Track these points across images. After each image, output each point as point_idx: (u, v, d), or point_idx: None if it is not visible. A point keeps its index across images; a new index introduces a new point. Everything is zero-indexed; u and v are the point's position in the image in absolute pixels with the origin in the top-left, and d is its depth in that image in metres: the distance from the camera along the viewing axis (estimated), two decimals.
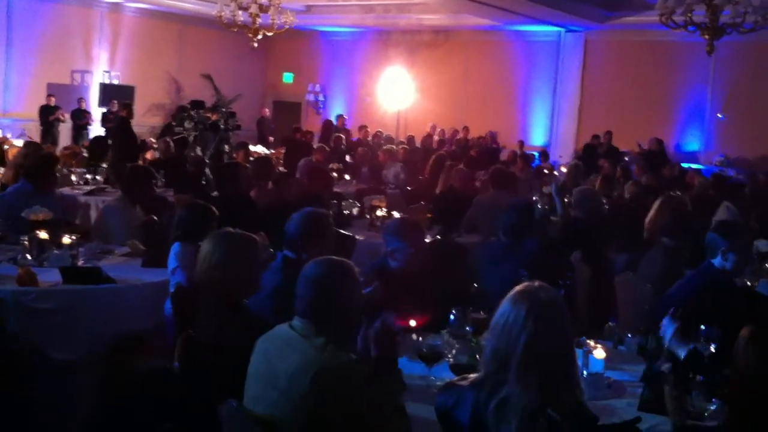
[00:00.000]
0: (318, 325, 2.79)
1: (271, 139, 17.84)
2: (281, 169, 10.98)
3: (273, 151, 15.19)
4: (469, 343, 3.44)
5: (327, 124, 17.11)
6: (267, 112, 19.97)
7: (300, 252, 3.87)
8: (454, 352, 3.33)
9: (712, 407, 2.77)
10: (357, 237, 6.35)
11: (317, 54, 21.34)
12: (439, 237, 6.55)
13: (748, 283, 4.97)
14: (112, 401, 4.26)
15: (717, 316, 3.54)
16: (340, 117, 17.96)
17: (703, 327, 3.39)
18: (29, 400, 4.09)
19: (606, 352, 3.36)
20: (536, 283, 2.59)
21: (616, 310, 4.52)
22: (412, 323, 2.98)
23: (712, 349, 3.27)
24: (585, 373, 3.18)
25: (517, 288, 2.58)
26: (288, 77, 21.90)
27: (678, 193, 7.17)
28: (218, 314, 3.35)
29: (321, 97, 21.36)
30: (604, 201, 7.65)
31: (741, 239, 4.26)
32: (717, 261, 4.14)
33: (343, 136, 14.70)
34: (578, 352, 3.10)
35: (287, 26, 14.13)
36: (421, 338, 3.28)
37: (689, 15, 11.00)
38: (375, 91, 19.73)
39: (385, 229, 4.45)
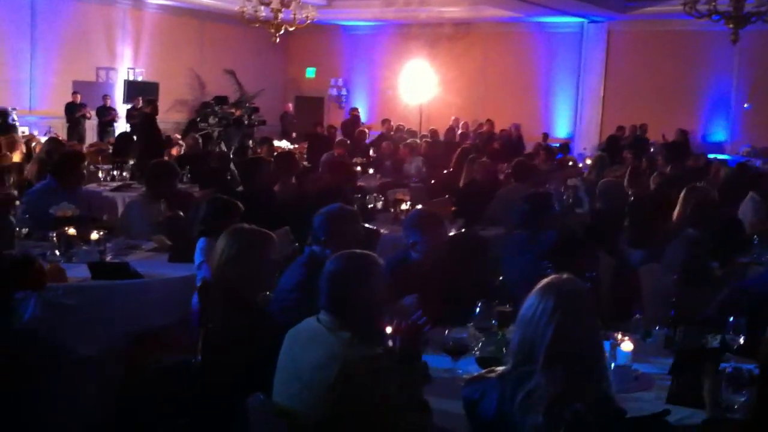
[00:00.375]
0: (342, 319, 2.80)
1: (294, 134, 17.89)
2: (304, 163, 11.02)
3: (296, 145, 15.24)
4: (494, 336, 3.44)
5: (350, 119, 17.12)
6: (290, 107, 20.03)
7: (324, 247, 3.88)
8: (479, 345, 3.33)
9: (742, 399, 2.75)
10: (381, 230, 6.35)
11: (339, 48, 21.36)
12: (462, 230, 6.54)
13: None
14: (135, 395, 4.30)
15: None
16: (353, 110, 17.91)
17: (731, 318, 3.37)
18: (53, 394, 4.14)
19: (633, 344, 3.34)
20: (563, 276, 2.59)
21: (641, 302, 4.49)
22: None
23: (741, 340, 3.24)
24: (612, 365, 3.16)
25: (544, 280, 2.58)
26: (310, 72, 21.94)
27: (702, 183, 7.11)
28: (228, 310, 3.38)
29: (343, 92, 21.38)
30: (630, 193, 7.60)
31: None
32: None
33: (366, 130, 14.70)
34: (605, 345, 3.09)
35: (308, 21, 14.16)
36: (447, 332, 3.28)
37: (713, 4, 10.91)
38: (397, 84, 19.71)
39: (404, 222, 4.44)
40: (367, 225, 6.17)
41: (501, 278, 4.30)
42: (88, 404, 4.30)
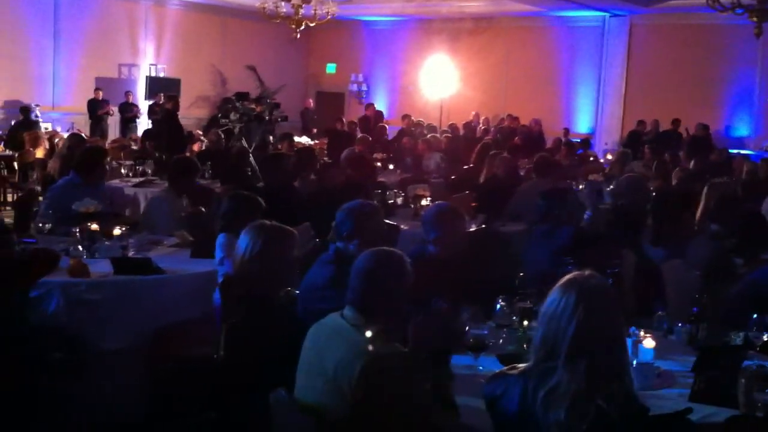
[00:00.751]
0: (368, 315, 2.82)
1: (314, 130, 17.92)
2: (325, 159, 11.04)
3: (316, 141, 15.27)
4: (515, 332, 3.43)
5: (367, 115, 17.11)
6: (310, 102, 20.07)
7: (348, 243, 3.88)
8: (500, 341, 3.32)
9: (766, 398, 2.72)
10: (401, 226, 6.35)
11: (359, 44, 21.36)
12: (482, 226, 6.52)
13: None
14: (159, 389, 4.33)
15: None
16: (369, 106, 17.88)
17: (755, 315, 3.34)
18: (78, 388, 4.18)
19: (655, 341, 3.32)
20: (585, 272, 2.58)
21: (664, 299, 4.47)
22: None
23: (766, 337, 3.21)
24: (634, 362, 3.14)
25: (566, 276, 2.57)
26: (331, 68, 21.96)
27: (725, 178, 7.05)
28: (250, 306, 3.40)
29: (364, 87, 21.37)
30: (652, 188, 7.55)
31: None
32: None
33: (386, 126, 14.69)
34: (627, 342, 3.07)
35: (329, 17, 14.17)
36: (467, 328, 3.27)
37: None
38: (417, 79, 19.68)
39: (424, 216, 4.44)
40: (387, 221, 6.18)
41: (522, 274, 4.27)
42: (113, 398, 4.36)
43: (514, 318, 3.49)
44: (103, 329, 4.31)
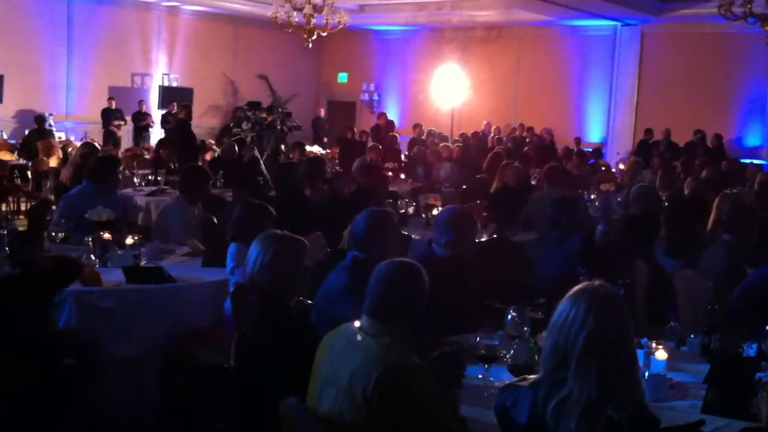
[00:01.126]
0: (386, 324, 2.81)
1: (326, 139, 17.96)
2: (337, 168, 11.06)
3: (328, 150, 15.30)
4: (527, 342, 3.42)
5: (379, 124, 17.15)
6: (322, 111, 20.12)
7: (364, 251, 3.88)
8: (512, 352, 3.31)
9: None
10: (412, 236, 6.35)
11: (371, 53, 21.41)
12: (494, 235, 6.52)
13: None
14: (172, 397, 4.34)
15: None
16: (381, 115, 17.91)
17: None
18: (92, 395, 4.20)
19: (668, 352, 3.30)
20: (596, 281, 2.57)
21: (676, 309, 4.44)
22: None
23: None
24: (646, 374, 3.13)
25: (577, 286, 2.57)
26: (342, 77, 22.02)
27: (738, 188, 7.02)
28: (262, 314, 3.41)
29: (375, 96, 21.42)
30: (664, 197, 7.53)
31: None
32: None
33: (397, 135, 14.74)
34: (639, 353, 3.06)
35: (341, 26, 14.20)
36: (478, 338, 3.27)
37: (749, 6, 10.76)
38: (428, 88, 19.70)
39: (436, 219, 4.44)
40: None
41: (532, 284, 4.26)
42: (126, 405, 4.37)
43: (526, 328, 3.48)
44: (116, 337, 4.32)
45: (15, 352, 3.67)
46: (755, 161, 14.37)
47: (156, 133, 16.97)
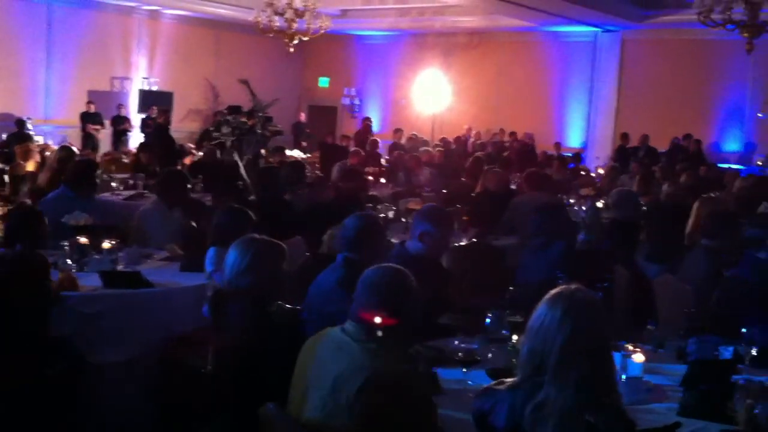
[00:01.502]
0: (371, 331, 2.79)
1: (304, 144, 17.92)
2: (317, 173, 11.03)
3: (309, 155, 15.27)
4: (506, 346, 3.42)
5: (362, 128, 17.15)
6: (303, 116, 20.08)
7: (357, 252, 3.90)
8: (491, 355, 3.31)
9: (756, 411, 2.72)
10: (393, 240, 6.34)
11: (353, 58, 21.42)
12: (475, 240, 6.53)
13: None
14: (151, 403, 4.30)
15: None
16: (365, 120, 17.92)
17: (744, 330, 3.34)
18: (72, 400, 4.16)
19: (645, 355, 3.31)
20: (573, 286, 2.57)
21: (656, 313, 4.46)
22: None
23: (754, 352, 3.21)
24: (624, 377, 3.14)
25: (554, 290, 2.57)
26: (324, 81, 22.00)
27: (717, 193, 7.07)
28: (244, 319, 3.40)
29: (357, 101, 21.42)
30: (643, 202, 7.57)
31: None
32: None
33: (378, 140, 14.73)
34: (617, 356, 3.07)
35: (323, 31, 14.21)
36: (457, 342, 3.27)
37: (728, 13, 10.87)
38: (410, 94, 19.73)
39: (416, 214, 4.50)
40: None
41: (512, 288, 4.27)
42: (108, 411, 4.32)
43: (505, 332, 3.48)
44: (93, 343, 4.27)
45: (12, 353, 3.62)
46: (734, 166, 14.49)
47: (135, 137, 16.87)
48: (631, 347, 3.33)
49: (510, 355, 3.28)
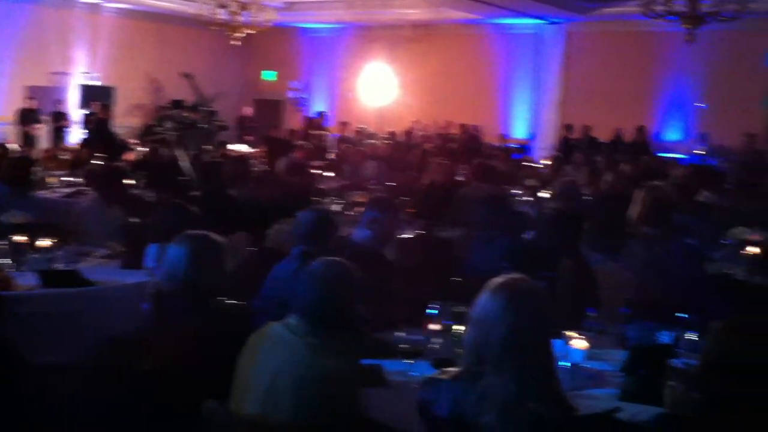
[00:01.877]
0: (314, 325, 2.78)
1: (252, 137, 17.74)
2: (262, 167, 10.93)
3: (256, 149, 15.14)
4: (450, 337, 3.42)
5: (308, 121, 17.08)
6: (248, 110, 19.89)
7: (313, 245, 3.97)
8: (436, 346, 3.31)
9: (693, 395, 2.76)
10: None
11: (298, 51, 21.27)
12: (421, 231, 6.53)
13: (727, 271, 5.00)
14: (94, 403, 4.22)
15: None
16: (320, 114, 17.87)
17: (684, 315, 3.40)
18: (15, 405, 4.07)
19: (587, 342, 3.35)
20: (516, 275, 2.59)
21: (598, 301, 4.52)
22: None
23: (692, 336, 3.27)
24: (566, 363, 3.17)
25: (496, 279, 2.57)
26: (269, 75, 21.81)
27: (658, 182, 7.20)
28: (185, 315, 3.35)
29: (303, 95, 21.27)
30: (588, 192, 7.67)
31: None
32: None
33: (326, 133, 14.70)
34: (559, 343, 3.10)
35: (268, 23, 14.09)
36: (402, 334, 3.26)
37: (669, 4, 11.08)
38: (356, 87, 19.69)
39: (367, 202, 4.73)
40: None
41: (459, 279, 4.29)
42: (48, 411, 4.23)
43: (449, 322, 3.49)
44: (31, 344, 4.16)
45: None
46: (675, 155, 14.79)
47: (75, 134, 16.51)
48: (573, 334, 3.37)
49: (454, 345, 3.29)
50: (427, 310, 3.56)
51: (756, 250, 5.55)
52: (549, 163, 11.49)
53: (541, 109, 18.30)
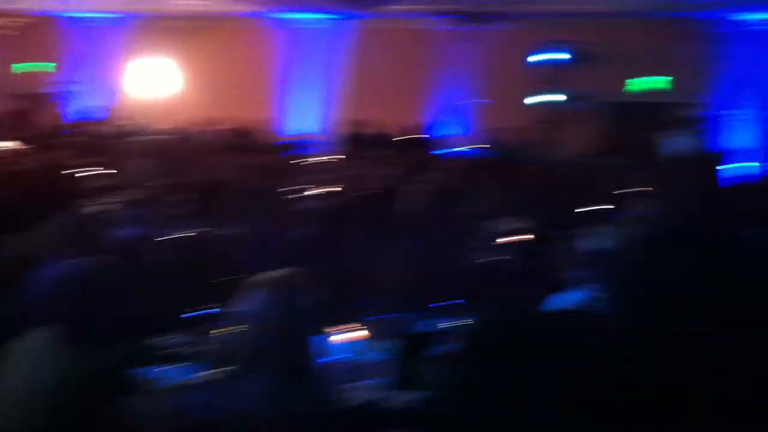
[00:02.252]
0: (71, 331, 2.69)
1: (16, 135, 16.45)
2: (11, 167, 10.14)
3: (19, 147, 14.06)
4: (217, 338, 3.30)
5: (78, 115, 16.17)
6: (6, 105, 18.33)
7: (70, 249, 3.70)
8: (196, 349, 3.20)
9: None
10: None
11: (67, 42, 19.94)
12: (199, 229, 6.34)
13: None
14: None
15: None
16: (92, 109, 16.94)
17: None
18: None
19: (359, 333, 3.37)
20: (278, 271, 2.55)
21: (369, 290, 4.58)
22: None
23: (456, 323, 3.36)
24: (335, 357, 3.16)
25: (257, 276, 2.53)
26: (25, 67, 20.19)
27: (430, 176, 7.46)
28: None
29: (73, 88, 19.94)
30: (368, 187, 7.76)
31: None
32: None
33: (98, 129, 13.97)
34: (327, 337, 3.08)
35: (29, 11, 13.10)
36: (166, 339, 3.13)
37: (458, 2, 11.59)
38: (134, 80, 18.90)
39: (136, 200, 4.50)
40: None
41: (226, 278, 4.17)
42: None
43: (215, 323, 3.37)
44: None
45: None
46: (453, 149, 15.48)
47: None
48: (344, 327, 3.37)
49: (215, 346, 3.19)
50: (193, 312, 3.44)
51: (521, 237, 5.83)
52: (330, 158, 11.60)
53: (327, 106, 18.44)
